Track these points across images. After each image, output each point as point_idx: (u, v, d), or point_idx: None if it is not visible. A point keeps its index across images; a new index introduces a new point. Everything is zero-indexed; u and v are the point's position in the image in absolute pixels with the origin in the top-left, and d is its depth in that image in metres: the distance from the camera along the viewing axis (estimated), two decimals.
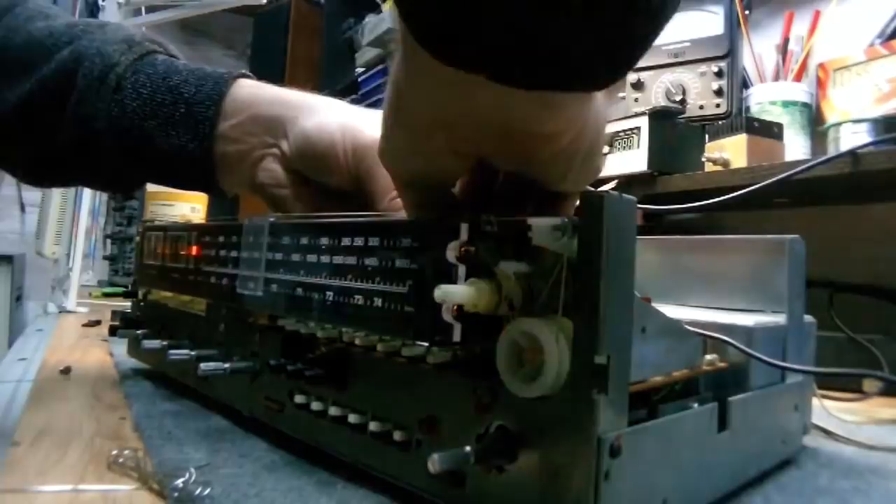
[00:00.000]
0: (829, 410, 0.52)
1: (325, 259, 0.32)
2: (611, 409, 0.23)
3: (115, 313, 0.62)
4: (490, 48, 0.19)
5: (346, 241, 0.31)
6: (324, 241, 0.32)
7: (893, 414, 0.57)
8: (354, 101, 1.52)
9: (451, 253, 0.26)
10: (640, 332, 0.26)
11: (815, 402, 0.44)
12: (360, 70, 1.51)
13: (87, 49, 0.42)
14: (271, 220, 0.37)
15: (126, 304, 0.61)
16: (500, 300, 0.24)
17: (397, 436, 0.29)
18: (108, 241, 1.57)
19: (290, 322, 0.36)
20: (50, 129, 0.42)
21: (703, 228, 0.90)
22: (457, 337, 0.25)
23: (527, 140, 0.24)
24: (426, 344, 0.27)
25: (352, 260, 0.30)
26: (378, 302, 0.28)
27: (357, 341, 0.32)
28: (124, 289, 0.59)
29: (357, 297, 0.30)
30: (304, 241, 0.34)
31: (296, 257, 0.34)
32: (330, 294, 0.31)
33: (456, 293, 0.23)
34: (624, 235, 0.24)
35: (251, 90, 0.43)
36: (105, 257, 1.59)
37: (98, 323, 0.87)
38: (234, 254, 0.39)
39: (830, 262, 0.79)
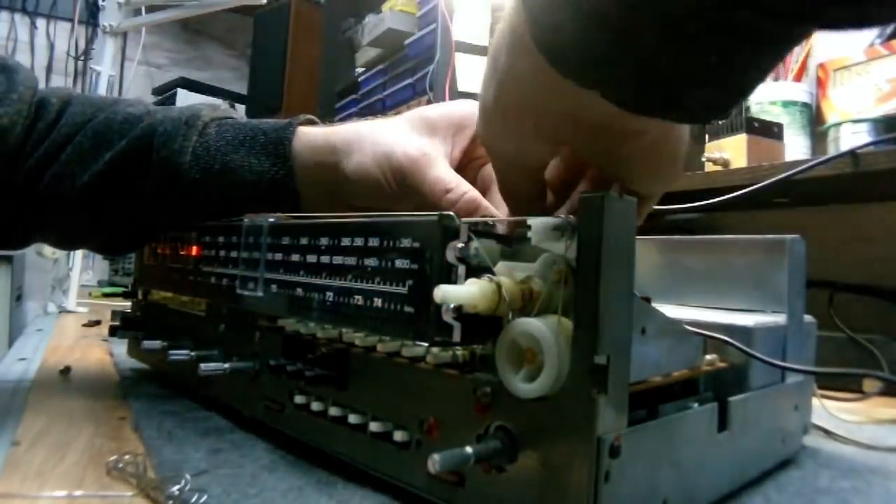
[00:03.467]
0: (829, 410, 0.52)
1: (324, 259, 0.32)
2: (611, 409, 0.23)
3: (115, 313, 0.62)
4: (619, 84, 0.22)
5: (345, 242, 0.31)
6: (323, 241, 0.32)
7: (893, 414, 0.57)
8: (354, 102, 1.52)
9: (451, 253, 0.26)
10: (640, 332, 0.26)
11: (815, 402, 0.44)
12: (360, 70, 1.51)
13: (172, 109, 0.48)
14: (271, 220, 0.37)
15: (126, 304, 0.61)
16: (500, 300, 0.24)
17: (397, 436, 0.29)
18: None
19: (290, 322, 0.36)
20: (137, 178, 0.45)
21: (703, 228, 0.90)
22: (457, 337, 0.25)
23: (612, 134, 0.26)
24: (426, 344, 0.27)
25: (352, 260, 0.30)
26: (378, 302, 0.28)
27: (357, 341, 0.32)
28: (124, 289, 0.59)
29: (357, 297, 0.30)
30: (304, 241, 0.34)
31: (295, 257, 0.34)
32: (330, 294, 0.31)
33: (456, 294, 0.23)
34: (623, 236, 0.24)
35: (312, 129, 0.46)
36: (105, 257, 1.59)
37: (98, 323, 0.87)
38: (234, 254, 0.39)
39: (830, 262, 0.80)
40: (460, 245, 0.25)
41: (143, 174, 0.45)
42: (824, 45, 0.90)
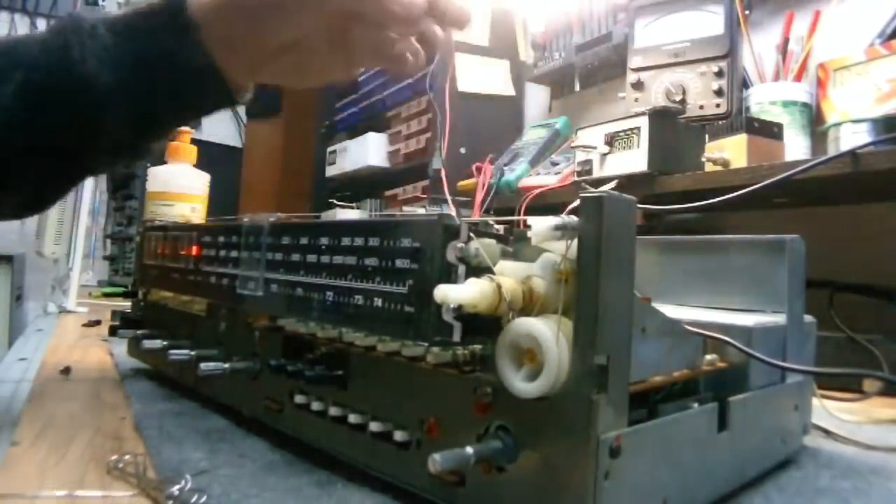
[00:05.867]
0: (829, 410, 0.52)
1: (325, 259, 0.32)
2: (610, 410, 0.23)
3: (115, 313, 0.62)
4: None
5: (346, 241, 0.31)
6: (324, 241, 0.32)
7: (893, 414, 0.57)
8: (354, 102, 1.52)
9: (452, 253, 0.26)
10: (640, 331, 0.26)
11: (815, 402, 0.44)
12: (360, 70, 1.51)
13: (28, 37, 0.42)
14: (271, 220, 0.37)
15: (126, 304, 0.61)
16: (501, 300, 0.24)
17: (397, 436, 0.29)
18: (108, 241, 1.57)
19: (290, 322, 0.36)
20: (43, 118, 0.40)
21: (704, 228, 0.90)
22: (457, 337, 0.25)
23: None
24: (426, 344, 0.27)
25: (352, 260, 0.30)
26: (378, 302, 0.28)
27: (357, 341, 0.32)
28: (124, 289, 0.59)
29: (357, 297, 0.30)
30: (304, 241, 0.34)
31: (296, 257, 0.34)
32: (330, 294, 0.31)
33: (456, 293, 0.23)
34: (623, 235, 0.24)
35: None
36: (105, 257, 1.59)
37: (98, 323, 0.87)
38: (234, 254, 0.39)
39: (830, 262, 0.79)
40: (460, 245, 0.26)
41: (49, 113, 0.40)
42: (824, 45, 0.90)
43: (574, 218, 0.24)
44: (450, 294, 0.23)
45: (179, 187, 0.81)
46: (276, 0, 0.38)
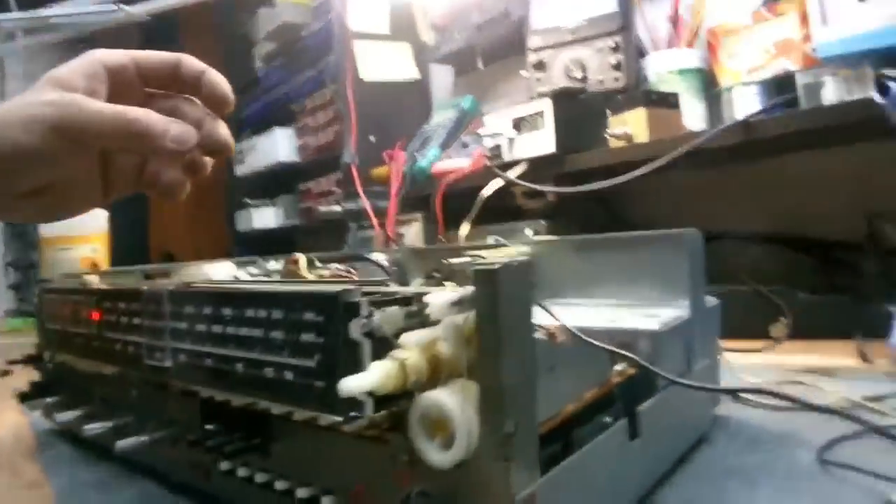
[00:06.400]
0: (737, 373, 0.55)
1: (231, 330, 0.31)
2: (522, 469, 0.24)
3: (25, 362, 0.58)
4: None
5: (250, 313, 0.30)
6: (227, 311, 0.31)
7: (797, 361, 0.62)
8: (255, 98, 1.45)
9: (356, 329, 0.25)
10: (549, 370, 0.27)
11: (723, 359, 0.46)
12: (259, 65, 1.44)
13: None
14: (170, 288, 0.35)
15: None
16: (406, 377, 0.24)
17: (325, 502, 0.29)
18: (9, 268, 1.46)
19: (205, 388, 0.35)
20: None
21: (616, 196, 0.93)
22: (369, 412, 0.25)
23: None
24: (340, 419, 0.27)
25: (258, 332, 0.29)
26: (289, 375, 0.28)
27: (273, 409, 0.31)
28: (30, 317, 0.55)
29: (268, 369, 0.29)
30: (208, 311, 0.32)
31: (201, 327, 0.33)
32: (240, 365, 0.31)
33: (359, 384, 0.23)
34: (520, 302, 0.24)
35: None
36: (10, 286, 1.49)
37: (7, 374, 0.81)
38: (137, 321, 0.38)
39: (736, 216, 0.84)
40: (363, 321, 0.25)
41: None
42: (713, 10, 0.93)
43: (470, 290, 0.24)
44: (353, 387, 0.23)
45: (75, 230, 0.75)
46: (33, 149, 0.34)
